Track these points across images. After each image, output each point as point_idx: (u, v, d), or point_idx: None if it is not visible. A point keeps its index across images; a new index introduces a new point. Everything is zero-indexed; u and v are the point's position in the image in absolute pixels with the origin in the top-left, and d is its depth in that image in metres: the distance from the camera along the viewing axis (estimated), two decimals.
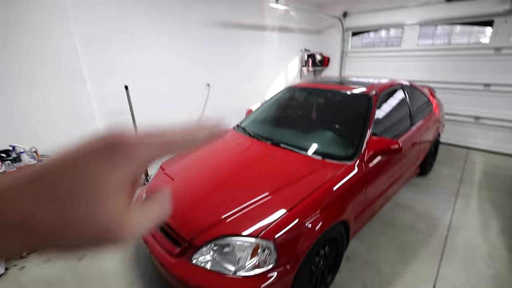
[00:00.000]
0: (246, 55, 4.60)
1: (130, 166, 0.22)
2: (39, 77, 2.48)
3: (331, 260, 1.94)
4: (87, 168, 0.20)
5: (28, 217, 0.19)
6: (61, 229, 0.19)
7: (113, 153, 0.21)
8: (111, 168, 0.21)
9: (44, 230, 0.19)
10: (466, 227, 2.62)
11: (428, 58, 4.87)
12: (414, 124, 2.86)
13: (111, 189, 0.21)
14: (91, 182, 0.20)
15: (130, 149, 0.22)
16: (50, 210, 0.19)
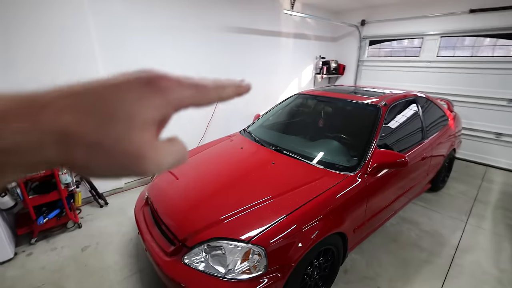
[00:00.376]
0: (260, 60, 4.64)
1: (163, 105, 0.23)
2: (57, 80, 2.63)
3: (327, 272, 1.91)
4: (127, 96, 0.21)
5: (70, 128, 0.19)
6: (96, 147, 0.20)
7: (151, 89, 0.22)
8: (147, 103, 0.22)
9: (82, 144, 0.20)
10: (475, 249, 2.50)
11: (448, 70, 4.70)
12: (426, 138, 2.77)
13: (143, 122, 0.22)
14: (129, 111, 0.21)
15: (166, 88, 0.23)
16: (90, 126, 0.20)
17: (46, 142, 0.18)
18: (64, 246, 2.43)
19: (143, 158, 0.22)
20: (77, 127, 0.19)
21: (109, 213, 2.96)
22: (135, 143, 0.21)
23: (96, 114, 0.20)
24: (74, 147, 0.19)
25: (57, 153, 0.19)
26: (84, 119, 0.19)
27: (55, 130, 0.19)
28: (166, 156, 0.24)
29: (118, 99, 0.21)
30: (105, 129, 0.20)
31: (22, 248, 2.40)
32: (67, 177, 2.41)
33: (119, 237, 2.56)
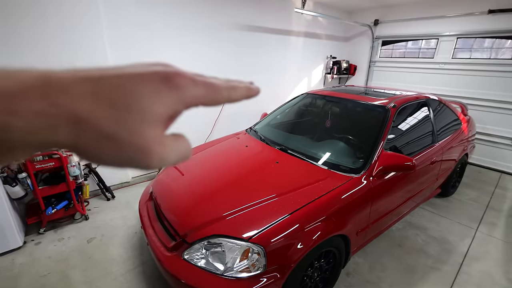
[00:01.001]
0: (270, 58, 4.62)
1: (176, 102, 0.23)
2: None
3: (328, 274, 1.89)
4: (143, 90, 0.21)
5: (87, 115, 0.19)
6: (110, 137, 0.20)
7: (166, 85, 0.23)
8: (161, 99, 0.22)
9: (96, 132, 0.20)
10: (485, 258, 2.41)
11: (464, 72, 4.55)
12: (437, 142, 2.69)
13: (155, 117, 0.22)
14: (143, 104, 0.21)
15: (181, 86, 0.23)
16: (107, 116, 0.20)
17: (61, 126, 0.19)
18: (70, 236, 2.50)
19: (149, 152, 0.22)
20: (94, 115, 0.19)
21: (115, 207, 3.02)
22: (146, 137, 0.22)
23: (112, 105, 0.20)
24: (88, 134, 0.20)
25: (70, 137, 0.19)
26: (102, 108, 0.20)
27: (72, 115, 0.19)
28: (170, 153, 0.24)
29: (134, 92, 0.21)
30: (120, 121, 0.20)
31: (31, 237, 2.47)
32: (75, 169, 2.47)
33: (124, 230, 2.60)
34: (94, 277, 2.06)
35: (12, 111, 0.17)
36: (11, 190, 2.21)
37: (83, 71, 0.20)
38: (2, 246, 2.22)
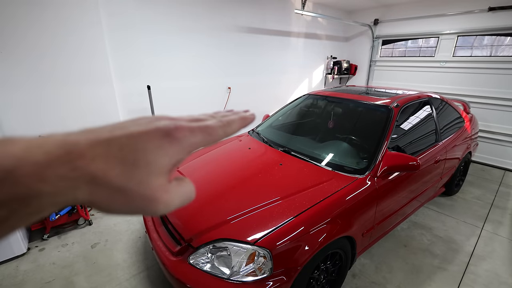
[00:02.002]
0: (270, 60, 4.63)
1: (177, 152, 0.26)
2: (71, 76, 2.69)
3: (334, 276, 1.87)
4: (147, 146, 0.24)
5: (101, 174, 0.22)
6: (120, 191, 0.23)
7: (168, 140, 0.25)
8: (164, 152, 0.25)
9: (108, 188, 0.22)
10: (492, 257, 2.39)
11: (465, 70, 4.54)
12: (440, 141, 2.68)
13: (160, 169, 0.25)
14: (148, 159, 0.24)
15: (181, 138, 0.26)
16: (117, 173, 0.22)
17: (81, 186, 0.21)
18: (74, 242, 2.49)
19: (156, 201, 0.25)
20: (107, 173, 0.22)
21: None
22: (152, 187, 0.24)
23: (122, 162, 0.23)
24: (102, 190, 0.22)
25: (87, 195, 0.22)
26: (113, 166, 0.22)
27: (89, 176, 0.21)
28: (175, 199, 0.27)
29: (140, 149, 0.24)
30: (129, 175, 0.23)
31: (35, 243, 2.47)
32: None
33: (128, 235, 2.59)
34: (99, 282, 2.05)
35: (42, 178, 0.20)
36: None
37: (95, 132, 0.23)
38: (6, 253, 2.21)
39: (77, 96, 2.77)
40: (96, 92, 2.87)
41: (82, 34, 2.64)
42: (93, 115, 2.92)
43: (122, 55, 3.01)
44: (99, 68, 2.83)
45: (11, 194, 0.19)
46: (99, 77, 2.85)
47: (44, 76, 2.54)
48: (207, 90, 3.93)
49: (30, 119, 2.55)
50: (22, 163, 0.19)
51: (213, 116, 0.32)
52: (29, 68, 2.44)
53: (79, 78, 2.73)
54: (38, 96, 2.55)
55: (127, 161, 0.23)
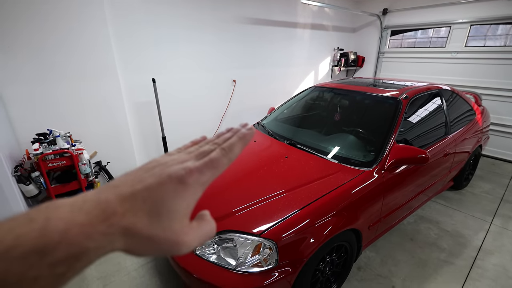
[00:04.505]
0: (275, 52, 4.56)
1: (192, 194, 0.29)
2: (76, 70, 2.69)
3: (339, 268, 1.88)
4: (165, 196, 0.27)
5: (131, 226, 0.25)
6: (148, 238, 0.26)
7: (182, 186, 0.28)
8: (180, 197, 0.28)
9: (138, 237, 0.26)
10: (500, 251, 2.36)
11: (477, 61, 4.40)
12: (450, 134, 2.63)
13: (180, 213, 0.28)
14: (168, 207, 0.27)
15: (192, 183, 0.29)
16: (144, 224, 0.26)
17: (117, 238, 0.25)
18: None
19: (179, 244, 0.28)
20: (136, 225, 0.25)
21: None
22: (175, 231, 0.28)
23: (147, 214, 0.26)
24: (134, 239, 0.26)
25: (122, 245, 0.25)
26: (140, 218, 0.26)
27: (122, 229, 0.25)
28: (195, 240, 0.30)
29: (159, 199, 0.27)
30: (154, 224, 0.26)
31: None
32: (86, 167, 2.51)
33: None
34: (108, 272, 2.10)
35: (88, 237, 0.23)
36: (25, 189, 2.25)
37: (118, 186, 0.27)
38: None
39: (83, 90, 2.78)
40: (102, 85, 2.88)
41: (86, 27, 2.64)
42: (99, 108, 2.94)
43: (126, 48, 3.00)
44: (104, 62, 2.83)
45: (67, 253, 0.22)
46: (104, 70, 2.86)
47: (49, 70, 2.55)
48: (212, 83, 3.91)
49: (37, 113, 2.58)
50: (71, 226, 0.23)
51: (214, 141, 0.34)
52: (33, 62, 2.45)
53: (84, 71, 2.74)
54: (44, 90, 2.57)
55: (151, 212, 0.26)
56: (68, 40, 2.58)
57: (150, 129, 3.49)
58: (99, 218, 0.24)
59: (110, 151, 3.15)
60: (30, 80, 2.47)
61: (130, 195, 0.26)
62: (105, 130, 3.05)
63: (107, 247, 0.24)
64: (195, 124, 3.90)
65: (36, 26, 2.39)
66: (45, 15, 2.41)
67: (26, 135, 2.49)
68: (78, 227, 0.23)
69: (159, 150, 3.56)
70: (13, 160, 2.29)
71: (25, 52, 2.40)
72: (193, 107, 3.81)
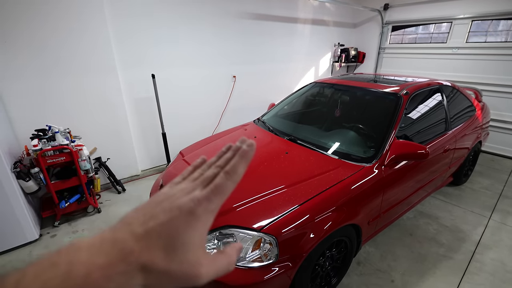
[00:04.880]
0: (275, 48, 4.54)
1: (204, 224, 0.30)
2: (75, 66, 2.68)
3: (339, 263, 1.89)
4: (178, 229, 0.28)
5: (148, 263, 0.26)
6: (165, 272, 0.27)
7: (192, 218, 0.29)
8: (193, 229, 0.29)
9: (155, 272, 0.26)
10: (499, 246, 2.38)
11: (478, 57, 4.38)
12: (450, 129, 2.62)
13: (194, 244, 0.29)
14: (182, 239, 0.28)
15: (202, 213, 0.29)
16: (159, 257, 0.26)
17: (135, 275, 0.25)
18: (84, 229, 2.55)
19: (195, 276, 0.28)
20: (153, 261, 0.26)
21: (127, 199, 3.06)
22: (191, 263, 0.28)
23: (163, 249, 0.27)
24: (152, 275, 0.26)
25: (141, 281, 0.26)
26: (156, 254, 0.26)
27: (140, 266, 0.25)
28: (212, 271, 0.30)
29: (173, 234, 0.28)
30: (170, 258, 0.27)
31: (47, 230, 2.54)
32: (86, 163, 2.50)
33: None
34: None
35: (109, 278, 0.24)
36: (25, 185, 2.25)
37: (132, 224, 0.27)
38: (20, 238, 2.28)
39: (82, 86, 2.77)
40: (101, 81, 2.87)
41: (85, 23, 2.62)
42: (99, 105, 2.93)
43: (125, 43, 2.98)
44: (103, 57, 2.81)
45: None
46: (104, 66, 2.84)
47: (49, 66, 2.54)
48: (212, 79, 3.90)
49: (36, 109, 2.57)
50: (92, 269, 0.24)
51: (216, 164, 0.34)
52: (33, 58, 2.45)
53: (83, 67, 2.73)
54: (43, 86, 2.56)
55: (167, 247, 0.27)
56: (65, 36, 2.56)
57: (150, 125, 3.48)
58: (117, 258, 0.25)
59: (110, 148, 3.15)
60: (27, 76, 2.46)
61: (144, 233, 0.27)
62: (105, 126, 3.04)
63: (127, 284, 0.25)
64: (195, 120, 3.89)
65: (36, 24, 2.38)
66: (44, 10, 2.39)
67: (25, 131, 2.48)
68: (99, 270, 0.24)
69: (159, 146, 3.55)
70: (12, 156, 2.28)
71: (24, 50, 2.39)
72: (193, 103, 3.80)
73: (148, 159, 3.67)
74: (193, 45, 3.54)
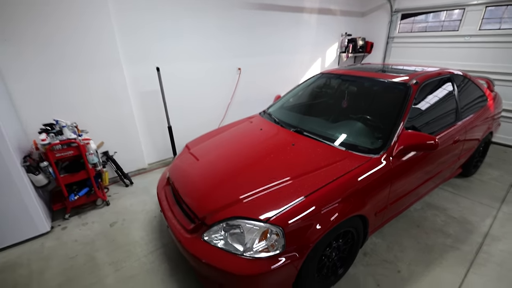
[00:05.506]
0: (281, 39, 4.46)
1: None
2: (80, 62, 2.69)
3: (346, 253, 1.89)
4: None
5: None
6: None
7: None
8: None
9: None
10: (507, 238, 2.34)
11: (491, 45, 4.22)
12: (460, 120, 2.57)
13: None
14: None
15: None
16: None
17: None
18: (94, 221, 2.61)
19: None
20: None
21: (134, 192, 3.11)
22: None
23: None
24: None
25: None
26: None
27: None
28: None
29: None
30: None
31: (58, 222, 2.60)
32: (94, 157, 2.53)
33: (143, 215, 2.69)
34: (119, 258, 2.16)
35: None
36: (35, 179, 2.30)
37: None
38: (32, 230, 2.35)
39: (87, 81, 2.79)
40: (107, 76, 2.88)
41: (90, 17, 2.61)
42: (104, 99, 2.95)
43: (130, 38, 2.97)
44: (108, 52, 2.81)
45: None
46: (109, 61, 2.85)
47: (54, 62, 2.56)
48: (217, 71, 3.87)
49: (43, 104, 2.61)
50: None
51: None
52: (38, 55, 2.46)
53: (89, 63, 2.74)
54: (49, 82, 2.58)
55: None
56: (69, 31, 2.56)
57: (156, 119, 3.50)
58: None
59: (117, 142, 3.18)
60: (33, 74, 2.48)
61: None
62: (111, 120, 3.07)
63: None
64: (200, 113, 3.89)
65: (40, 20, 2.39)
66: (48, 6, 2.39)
67: (32, 126, 2.52)
68: None
69: (166, 140, 3.57)
70: (22, 151, 2.32)
71: (30, 46, 2.40)
72: (198, 96, 3.79)
73: (155, 153, 3.70)
74: (198, 39, 3.51)
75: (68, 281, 1.95)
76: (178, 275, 1.99)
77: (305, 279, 1.61)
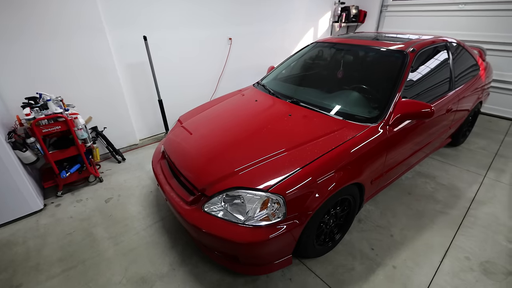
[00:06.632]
0: (273, 7, 4.25)
1: None
2: (61, 27, 2.47)
3: (342, 220, 1.95)
4: None
5: None
6: None
7: None
8: None
9: None
10: (492, 202, 2.47)
11: (485, 13, 4.16)
12: (453, 89, 2.58)
13: None
14: None
15: None
16: None
17: None
18: (88, 198, 2.57)
19: None
20: None
21: (128, 168, 3.05)
22: None
23: None
24: None
25: None
26: None
27: None
28: None
29: None
30: None
31: (50, 200, 2.55)
32: (83, 132, 2.43)
33: (139, 190, 2.66)
34: (117, 233, 2.15)
35: None
36: (23, 156, 2.20)
37: None
38: (25, 208, 2.29)
39: (69, 49, 2.59)
40: (89, 43, 2.68)
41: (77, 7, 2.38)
42: (90, 70, 2.77)
43: (112, 0, 2.74)
44: (88, 16, 2.59)
45: None
46: (89, 25, 2.63)
47: (33, 28, 2.34)
48: (207, 41, 3.69)
49: (23, 75, 2.42)
50: None
51: None
52: (15, 20, 2.24)
53: (69, 28, 2.52)
54: (28, 52, 2.38)
55: None
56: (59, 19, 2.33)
57: (145, 91, 3.35)
58: None
59: (106, 117, 3.06)
60: (10, 40, 2.27)
61: None
62: (98, 93, 2.92)
63: None
64: (191, 86, 3.76)
65: None
66: None
67: (14, 100, 2.37)
68: None
69: (156, 114, 3.46)
70: (5, 127, 2.20)
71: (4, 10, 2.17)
72: (188, 67, 3.63)
73: (146, 128, 3.60)
74: (186, 4, 3.28)
75: (68, 256, 1.95)
76: (178, 247, 2.01)
77: (305, 245, 1.66)
